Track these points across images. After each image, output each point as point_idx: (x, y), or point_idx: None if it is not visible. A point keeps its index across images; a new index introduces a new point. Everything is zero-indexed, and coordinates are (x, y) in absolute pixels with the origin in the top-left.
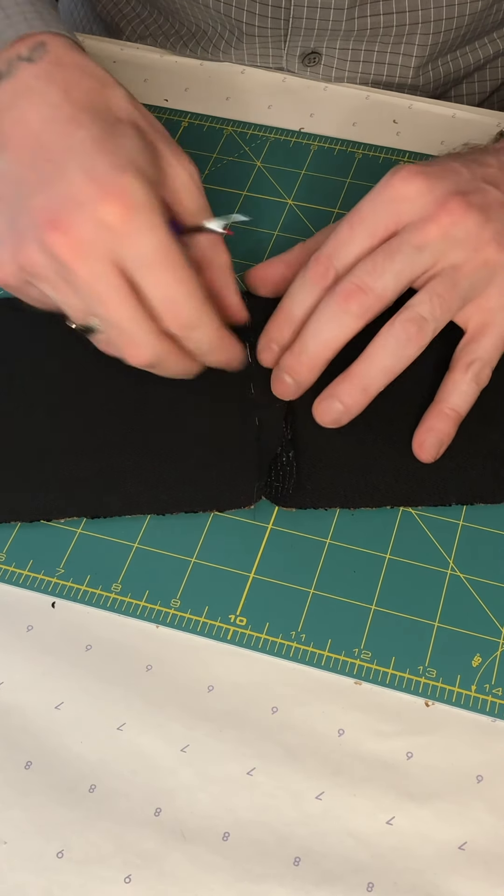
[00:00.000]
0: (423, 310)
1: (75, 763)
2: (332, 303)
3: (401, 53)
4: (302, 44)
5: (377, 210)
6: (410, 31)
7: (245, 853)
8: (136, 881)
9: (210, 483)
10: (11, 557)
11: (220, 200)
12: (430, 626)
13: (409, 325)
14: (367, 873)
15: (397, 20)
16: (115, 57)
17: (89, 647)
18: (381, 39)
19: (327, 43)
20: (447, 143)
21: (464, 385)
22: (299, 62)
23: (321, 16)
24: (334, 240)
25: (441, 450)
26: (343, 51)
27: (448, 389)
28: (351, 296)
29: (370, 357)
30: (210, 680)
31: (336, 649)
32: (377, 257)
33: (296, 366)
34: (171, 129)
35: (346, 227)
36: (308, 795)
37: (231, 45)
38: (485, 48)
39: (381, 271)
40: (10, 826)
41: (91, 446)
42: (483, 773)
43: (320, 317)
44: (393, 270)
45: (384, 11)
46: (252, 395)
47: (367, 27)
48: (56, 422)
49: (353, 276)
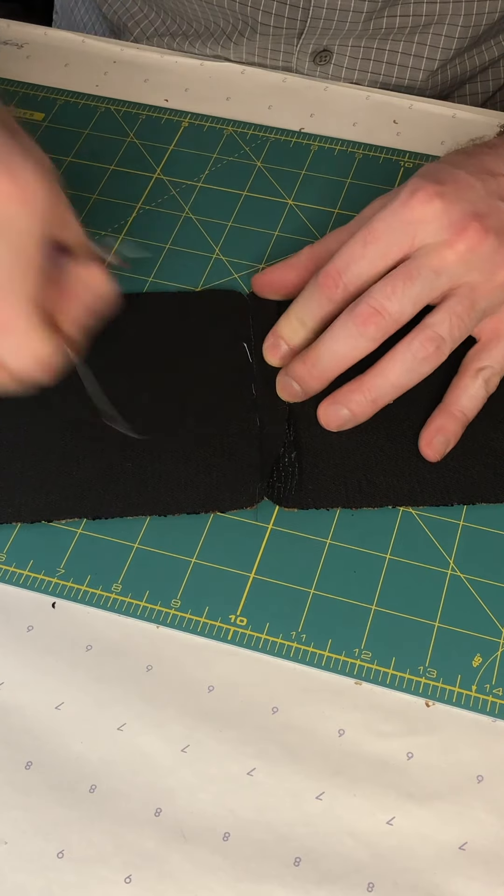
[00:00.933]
0: (442, 329)
1: (75, 763)
2: (350, 323)
3: (412, 55)
4: (315, 41)
5: (393, 230)
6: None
7: (245, 853)
8: (136, 881)
9: (212, 484)
10: (12, 557)
11: (221, 201)
12: (431, 626)
13: (428, 344)
14: (367, 873)
15: (412, 22)
16: (115, 57)
17: (89, 647)
18: (394, 37)
19: (340, 41)
20: (447, 143)
21: (473, 389)
22: (310, 60)
23: (340, 17)
24: (346, 255)
25: (447, 449)
26: (356, 48)
27: (457, 393)
28: (369, 319)
29: (384, 371)
30: (210, 680)
31: (336, 649)
32: (396, 281)
33: (306, 376)
34: (171, 129)
35: (360, 243)
36: (308, 795)
37: (241, 41)
38: (490, 50)
39: (399, 296)
40: (10, 826)
41: (92, 448)
42: (483, 773)
43: (337, 334)
44: (411, 295)
45: (401, 13)
46: (254, 396)
47: (383, 27)
48: (57, 423)
49: (372, 298)
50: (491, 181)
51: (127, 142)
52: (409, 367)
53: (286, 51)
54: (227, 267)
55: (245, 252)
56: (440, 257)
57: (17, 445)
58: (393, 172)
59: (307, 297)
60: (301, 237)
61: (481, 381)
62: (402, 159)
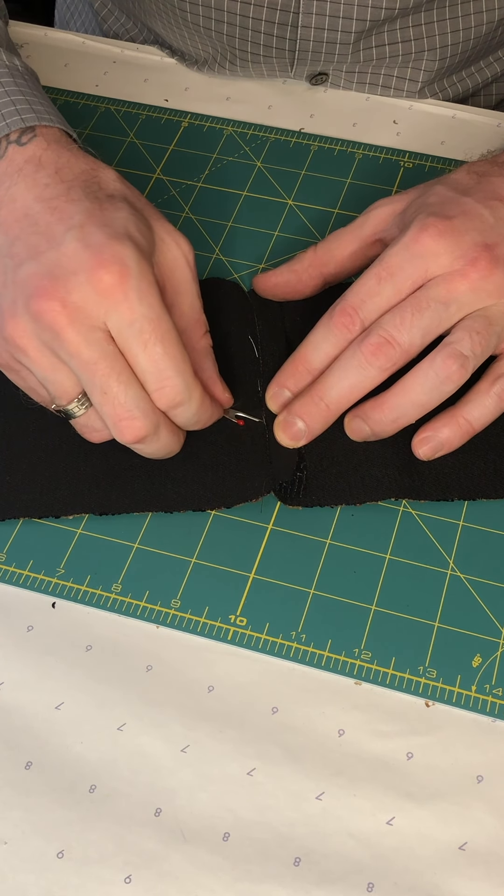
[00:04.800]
0: (464, 347)
1: (75, 763)
2: (360, 354)
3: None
4: (309, 68)
5: (405, 265)
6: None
7: (245, 853)
8: (136, 881)
9: (217, 480)
10: (12, 557)
11: (221, 201)
12: (431, 626)
13: (451, 363)
14: (367, 873)
15: (403, 49)
16: (114, 58)
17: (89, 647)
18: (388, 64)
19: (334, 67)
20: (447, 144)
21: (486, 401)
22: (307, 81)
23: (327, 49)
24: (361, 291)
25: (438, 453)
26: (350, 73)
27: (468, 401)
28: (379, 349)
29: (406, 390)
30: (210, 680)
31: (336, 649)
32: (405, 312)
33: (312, 411)
34: (171, 129)
35: (374, 279)
36: (308, 795)
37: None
38: (491, 67)
39: (408, 326)
40: (10, 826)
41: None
42: (483, 774)
43: (346, 365)
44: (420, 326)
45: (389, 42)
46: (259, 393)
47: (373, 57)
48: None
49: (381, 328)
50: (499, 207)
51: (127, 142)
52: (431, 385)
53: (282, 75)
54: (227, 267)
55: (245, 252)
56: (449, 288)
57: (25, 443)
58: (393, 172)
59: (321, 336)
60: (301, 237)
61: (495, 395)
62: (402, 159)
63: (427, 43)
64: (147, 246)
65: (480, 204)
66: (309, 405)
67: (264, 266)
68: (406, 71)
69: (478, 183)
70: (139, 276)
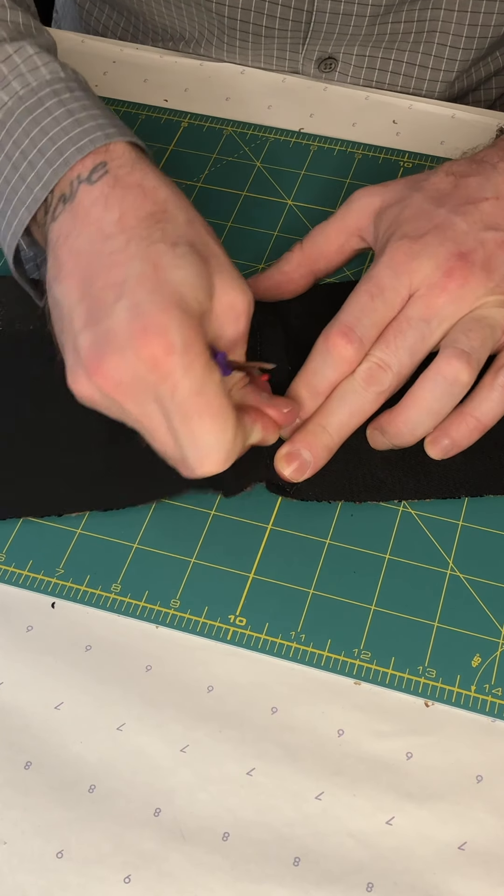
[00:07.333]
0: (462, 343)
1: (75, 763)
2: (356, 382)
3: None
4: (320, 48)
5: (392, 282)
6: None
7: (245, 853)
8: (136, 881)
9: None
10: (11, 557)
11: (220, 201)
12: (430, 626)
13: (454, 361)
14: (367, 873)
15: (416, 28)
16: (114, 57)
17: (89, 647)
18: (399, 46)
19: (345, 48)
20: (447, 143)
21: (492, 395)
22: (315, 67)
23: (343, 20)
24: (355, 309)
25: (451, 453)
26: (360, 57)
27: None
28: (374, 375)
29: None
30: (210, 680)
31: (336, 649)
32: (388, 336)
33: (315, 442)
34: (170, 129)
35: (366, 296)
36: (308, 795)
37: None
38: (496, 60)
39: (394, 348)
40: (10, 826)
41: (98, 439)
42: (483, 774)
43: (344, 393)
44: (405, 346)
45: (406, 19)
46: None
47: (387, 33)
48: (66, 417)
49: (372, 355)
50: (473, 212)
51: None
52: (441, 390)
53: (291, 58)
54: None
55: (245, 252)
56: (428, 304)
57: (24, 442)
58: (392, 172)
59: (321, 362)
60: (301, 237)
61: (500, 387)
62: (402, 159)
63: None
64: (199, 306)
65: (453, 213)
66: (310, 437)
67: (264, 266)
68: (416, 56)
69: (455, 188)
70: (183, 349)
